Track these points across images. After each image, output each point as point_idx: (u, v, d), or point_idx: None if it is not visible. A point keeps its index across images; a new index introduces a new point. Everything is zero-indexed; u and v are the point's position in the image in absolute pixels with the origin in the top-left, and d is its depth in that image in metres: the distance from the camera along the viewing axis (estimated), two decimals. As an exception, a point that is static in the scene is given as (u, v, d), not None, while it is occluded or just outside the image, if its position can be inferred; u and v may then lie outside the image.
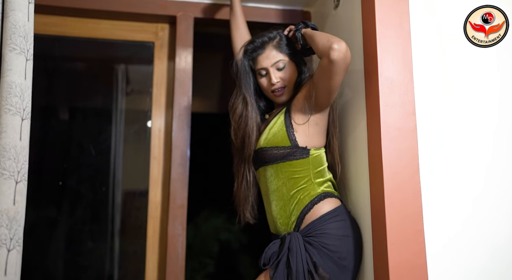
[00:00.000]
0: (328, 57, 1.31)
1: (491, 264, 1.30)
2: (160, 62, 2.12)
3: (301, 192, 1.42)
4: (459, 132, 1.37)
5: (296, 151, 1.43)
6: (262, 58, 1.53)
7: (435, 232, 1.29)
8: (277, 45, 1.53)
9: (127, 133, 2.26)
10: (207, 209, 4.07)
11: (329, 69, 1.33)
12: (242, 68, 1.57)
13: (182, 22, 2.05)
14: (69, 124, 2.39)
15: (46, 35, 2.05)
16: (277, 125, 1.48)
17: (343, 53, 1.30)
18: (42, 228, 2.15)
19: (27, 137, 1.05)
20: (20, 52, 1.03)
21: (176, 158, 1.95)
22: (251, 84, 1.57)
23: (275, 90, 1.52)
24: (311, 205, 1.41)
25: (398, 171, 1.30)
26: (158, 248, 1.97)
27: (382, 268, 1.27)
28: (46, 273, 2.15)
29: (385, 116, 1.33)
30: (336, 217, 1.39)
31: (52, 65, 2.37)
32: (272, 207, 1.48)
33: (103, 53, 2.30)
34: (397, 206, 1.28)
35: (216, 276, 3.95)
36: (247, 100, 1.55)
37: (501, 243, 1.32)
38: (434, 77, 1.40)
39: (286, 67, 1.52)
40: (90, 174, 2.24)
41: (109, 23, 2.07)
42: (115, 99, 2.31)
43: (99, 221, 2.20)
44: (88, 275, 2.17)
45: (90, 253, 2.17)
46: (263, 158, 1.48)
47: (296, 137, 1.44)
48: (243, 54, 1.58)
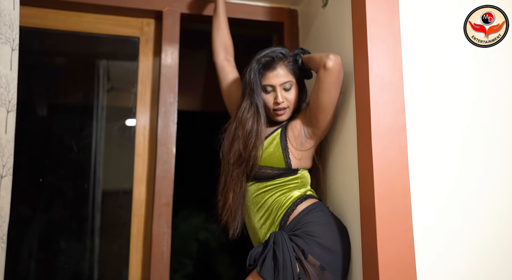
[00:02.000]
0: (324, 66, 1.41)
1: (479, 260, 1.32)
2: (146, 58, 2.08)
3: (284, 196, 1.48)
4: (449, 131, 1.39)
5: (288, 172, 1.50)
6: (273, 75, 1.52)
7: (424, 229, 1.30)
8: (287, 65, 1.55)
9: (109, 130, 2.21)
10: (186, 209, 4.04)
11: (325, 80, 1.41)
12: (255, 79, 1.52)
13: (169, 17, 2.02)
14: (48, 120, 2.33)
15: (25, 27, 1.97)
16: (273, 146, 1.51)
17: (338, 63, 1.41)
18: (26, 225, 2.08)
19: (13, 130, 1.01)
20: (6, 41, 0.99)
21: (161, 155, 1.91)
22: (260, 96, 1.53)
23: (279, 109, 1.53)
24: (294, 206, 1.46)
25: (387, 168, 1.31)
26: (142, 247, 1.93)
27: (371, 264, 1.27)
28: (29, 271, 2.08)
29: (375, 114, 1.34)
30: (315, 209, 1.46)
31: (31, 59, 2.30)
32: (255, 219, 1.51)
33: (86, 47, 2.24)
34: (386, 203, 1.28)
35: (195, 276, 3.91)
36: (260, 113, 1.50)
37: (490, 240, 1.34)
38: (425, 76, 1.41)
39: (292, 88, 1.54)
40: (71, 171, 2.19)
41: (93, 16, 2.02)
42: (96, 96, 2.25)
43: (80, 219, 2.14)
44: (66, 275, 2.11)
45: (68, 252, 2.11)
46: (255, 175, 1.51)
47: (291, 160, 1.49)
48: (257, 66, 1.53)
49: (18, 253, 2.06)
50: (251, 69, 1.53)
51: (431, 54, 1.42)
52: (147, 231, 1.94)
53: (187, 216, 4.14)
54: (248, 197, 1.53)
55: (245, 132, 1.49)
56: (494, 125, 1.41)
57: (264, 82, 1.53)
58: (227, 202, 1.51)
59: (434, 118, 1.39)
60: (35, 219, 2.12)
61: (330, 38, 1.72)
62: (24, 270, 2.09)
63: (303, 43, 2.08)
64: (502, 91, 1.43)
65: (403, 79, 1.38)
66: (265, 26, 2.22)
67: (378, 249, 1.25)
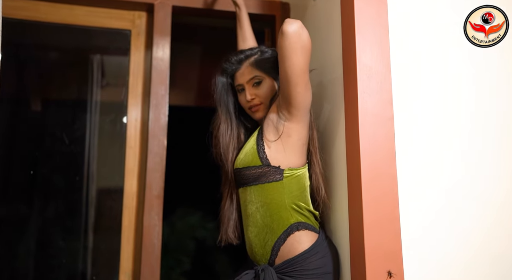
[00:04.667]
0: (281, 31, 1.29)
1: (464, 251, 1.33)
2: (137, 50, 2.08)
3: (274, 220, 1.36)
4: (437, 122, 1.40)
5: (268, 171, 1.36)
6: (238, 74, 1.52)
7: (411, 219, 1.31)
8: (254, 62, 1.50)
9: (102, 125, 2.21)
10: (183, 207, 4.04)
11: (283, 45, 1.29)
12: (219, 85, 1.53)
13: (160, 10, 2.02)
14: (42, 115, 2.33)
15: (15, 19, 1.98)
16: (249, 144, 1.44)
17: (295, 26, 1.27)
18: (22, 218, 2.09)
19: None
20: (-10, 27, 0.99)
21: (152, 147, 1.92)
22: (230, 102, 1.54)
23: (251, 106, 1.50)
24: (284, 236, 1.34)
25: (375, 158, 1.31)
26: (134, 239, 1.94)
27: (358, 252, 1.28)
28: (22, 261, 2.09)
29: (363, 103, 1.34)
30: (316, 254, 1.33)
31: (23, 53, 2.30)
32: (248, 232, 1.44)
33: (78, 41, 2.24)
34: (373, 193, 1.29)
35: (192, 274, 3.92)
36: (222, 118, 1.52)
37: (475, 230, 1.35)
38: (417, 71, 1.40)
39: (263, 83, 1.49)
40: (64, 165, 2.19)
41: (85, 9, 2.02)
42: (90, 90, 2.25)
43: (73, 212, 2.14)
44: (59, 268, 2.12)
45: (61, 246, 2.11)
46: (239, 179, 1.44)
47: (267, 154, 1.37)
48: (221, 72, 1.55)
49: (12, 244, 2.06)
50: (217, 80, 1.54)
51: (426, 48, 1.41)
52: (138, 223, 1.94)
53: (184, 214, 4.16)
54: (244, 205, 1.45)
55: (214, 136, 1.51)
56: (494, 125, 1.41)
57: (235, 83, 1.54)
58: (220, 207, 1.51)
59: (424, 112, 1.38)
60: (30, 212, 2.13)
61: (321, 30, 1.72)
62: (17, 262, 2.09)
63: (294, 36, 2.08)
64: (502, 91, 1.42)
65: (391, 69, 1.39)
66: (257, 19, 2.21)
67: (365, 238, 1.25)
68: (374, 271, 1.24)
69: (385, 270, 1.25)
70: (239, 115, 1.57)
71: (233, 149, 1.49)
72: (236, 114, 1.55)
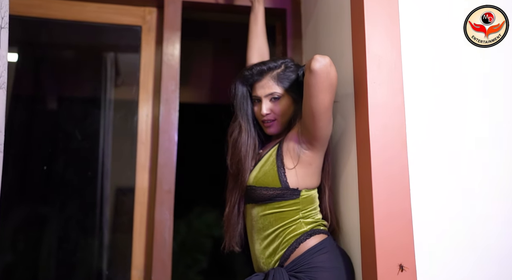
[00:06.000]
0: (309, 68, 1.26)
1: (478, 244, 1.29)
2: (148, 46, 2.09)
3: (287, 230, 1.37)
4: (449, 113, 1.36)
5: (286, 192, 1.37)
6: (258, 86, 1.48)
7: (423, 211, 1.27)
8: (276, 76, 1.47)
9: (115, 122, 2.22)
10: (200, 205, 4.06)
11: (310, 82, 1.26)
12: (239, 93, 1.51)
13: (170, 5, 2.02)
14: (56, 112, 2.36)
15: (29, 17, 2.01)
16: (268, 164, 1.41)
17: (324, 64, 1.24)
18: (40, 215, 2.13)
19: (3, 107, 1.01)
20: (-5, 19, 1.00)
21: (163, 142, 1.92)
22: (249, 110, 1.52)
23: (265, 121, 1.48)
24: (296, 244, 1.35)
25: (385, 148, 1.28)
26: (145, 234, 1.94)
27: (369, 245, 1.25)
28: (35, 255, 2.12)
29: (372, 93, 1.31)
30: (323, 249, 1.34)
31: (38, 51, 2.34)
32: (255, 246, 1.42)
33: (90, 38, 2.27)
34: (384, 184, 1.26)
35: (209, 273, 3.93)
36: (242, 126, 1.49)
37: (490, 221, 1.31)
38: (425, 61, 1.37)
39: (280, 100, 1.46)
40: (78, 161, 2.22)
41: (95, 6, 2.03)
42: (103, 87, 2.27)
43: (88, 208, 2.17)
44: (73, 263, 2.14)
45: (75, 240, 2.14)
46: (252, 196, 1.42)
47: (288, 178, 1.37)
48: (241, 80, 1.52)
49: (27, 239, 2.09)
50: (234, 83, 1.52)
51: (431, 40, 1.38)
52: (150, 219, 1.94)
53: (200, 213, 4.17)
54: (250, 220, 1.45)
55: (231, 143, 1.49)
56: (493, 125, 1.37)
57: (253, 93, 1.51)
58: (225, 213, 1.50)
59: (436, 102, 1.35)
60: (46, 208, 2.16)
61: (330, 22, 1.70)
62: (32, 256, 2.12)
63: (305, 29, 2.06)
64: (502, 91, 1.39)
65: (402, 58, 1.35)
66: (267, 13, 2.19)
67: (375, 229, 1.22)
68: (385, 264, 1.21)
69: (396, 263, 1.22)
70: (256, 124, 1.54)
71: (250, 159, 1.46)
72: (254, 123, 1.53)
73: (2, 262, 2.02)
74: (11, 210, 2.09)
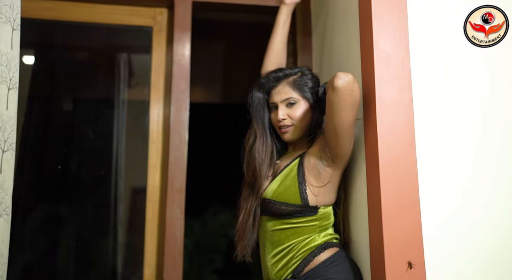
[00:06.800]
0: (331, 85, 1.25)
1: (488, 240, 1.27)
2: (159, 47, 2.11)
3: (302, 244, 1.37)
4: (456, 110, 1.34)
5: (306, 209, 1.37)
6: (274, 92, 1.49)
7: (431, 208, 1.26)
8: (292, 82, 1.47)
9: (128, 121, 2.25)
10: (215, 205, 4.08)
11: (333, 100, 1.25)
12: (256, 100, 1.52)
13: (180, 5, 2.04)
14: (71, 113, 2.41)
15: (44, 20, 2.05)
16: (289, 179, 1.40)
17: (347, 81, 1.23)
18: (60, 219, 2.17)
19: (15, 107, 1.04)
20: (6, 21, 1.02)
21: (174, 141, 1.94)
22: (266, 118, 1.51)
23: (281, 126, 1.47)
24: (311, 257, 1.35)
25: (393, 145, 1.27)
26: (157, 232, 1.97)
27: (377, 242, 1.24)
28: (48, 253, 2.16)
29: (379, 90, 1.30)
30: (335, 262, 1.34)
31: (53, 54, 2.38)
32: (267, 257, 1.42)
33: (103, 40, 2.30)
34: (392, 180, 1.25)
35: (224, 272, 3.95)
36: (257, 133, 1.49)
37: (499, 218, 1.29)
38: (432, 53, 1.36)
39: (297, 105, 1.46)
40: (92, 160, 2.25)
41: (107, 7, 2.07)
42: (116, 88, 2.31)
43: (102, 206, 2.20)
44: (90, 263, 2.18)
45: (89, 239, 2.17)
46: (269, 210, 1.41)
47: (308, 195, 1.37)
48: (258, 87, 1.53)
49: (42, 237, 2.14)
50: (253, 95, 1.52)
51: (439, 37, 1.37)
52: (161, 217, 1.97)
53: (215, 213, 4.20)
54: (264, 232, 1.44)
55: (247, 150, 1.48)
56: (493, 125, 1.35)
57: (269, 100, 1.52)
58: (238, 219, 1.48)
59: (441, 97, 1.34)
60: (62, 206, 2.20)
61: (339, 19, 1.70)
62: (47, 254, 2.17)
63: (315, 26, 2.06)
64: (502, 91, 1.37)
65: (410, 55, 1.34)
66: (277, 11, 2.20)
67: (383, 227, 1.22)
68: (393, 261, 1.21)
69: (405, 260, 1.21)
70: (273, 132, 1.54)
71: (267, 167, 1.46)
72: (271, 131, 1.52)
73: (17, 260, 2.07)
74: (26, 208, 2.14)
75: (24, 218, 2.14)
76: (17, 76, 1.06)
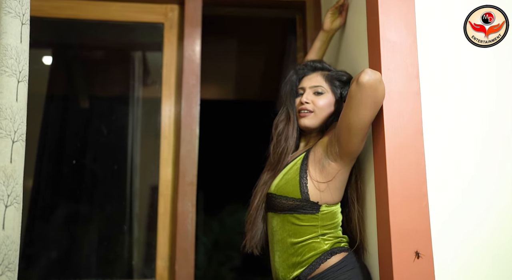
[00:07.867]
0: (357, 79, 1.22)
1: (497, 229, 1.25)
2: (170, 43, 2.14)
3: (306, 247, 1.33)
4: (463, 100, 1.32)
5: (306, 205, 1.32)
6: (306, 78, 1.49)
7: (439, 197, 1.25)
8: (326, 74, 1.47)
9: (142, 118, 2.29)
10: (232, 204, 4.12)
11: (355, 95, 1.22)
12: (288, 85, 1.51)
13: (191, 1, 2.07)
14: (88, 110, 2.46)
15: (60, 19, 2.11)
16: (292, 172, 1.37)
17: (374, 79, 1.20)
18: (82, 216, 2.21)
19: (24, 99, 1.07)
20: (15, 15, 1.06)
21: (185, 136, 1.97)
22: (293, 102, 1.49)
23: (302, 110, 1.44)
24: (317, 264, 1.31)
25: (400, 133, 1.26)
26: (169, 226, 1.99)
27: (384, 231, 1.24)
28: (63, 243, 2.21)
29: (386, 80, 1.29)
30: (345, 266, 1.30)
31: (70, 52, 2.44)
32: (275, 257, 1.39)
33: (116, 38, 2.35)
34: (399, 169, 1.24)
35: (242, 270, 3.97)
36: (291, 118, 1.46)
37: (508, 207, 1.26)
38: (439, 40, 1.35)
39: (324, 95, 1.43)
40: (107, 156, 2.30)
41: (119, 4, 2.11)
42: (131, 85, 2.35)
43: (118, 201, 2.24)
44: (100, 252, 2.22)
45: (103, 232, 2.22)
46: (271, 204, 1.39)
47: (309, 189, 1.33)
48: (294, 73, 1.53)
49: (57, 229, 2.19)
50: (287, 78, 1.53)
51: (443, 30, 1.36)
52: (173, 210, 1.99)
53: (233, 211, 4.23)
54: (270, 229, 1.41)
55: (277, 134, 1.47)
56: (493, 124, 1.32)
57: (299, 86, 1.51)
58: (248, 210, 1.47)
59: (448, 86, 1.32)
60: (76, 202, 2.25)
61: (348, 12, 1.69)
62: (64, 246, 2.22)
63: (325, 20, 2.05)
64: (502, 91, 1.34)
65: (417, 44, 1.33)
66: (287, 6, 2.21)
67: (390, 216, 1.21)
68: (400, 251, 1.19)
69: (412, 250, 1.20)
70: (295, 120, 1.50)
71: (284, 148, 1.44)
72: (295, 118, 1.49)
73: (32, 254, 2.12)
74: (44, 203, 2.20)
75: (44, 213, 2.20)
76: (27, 69, 1.09)
